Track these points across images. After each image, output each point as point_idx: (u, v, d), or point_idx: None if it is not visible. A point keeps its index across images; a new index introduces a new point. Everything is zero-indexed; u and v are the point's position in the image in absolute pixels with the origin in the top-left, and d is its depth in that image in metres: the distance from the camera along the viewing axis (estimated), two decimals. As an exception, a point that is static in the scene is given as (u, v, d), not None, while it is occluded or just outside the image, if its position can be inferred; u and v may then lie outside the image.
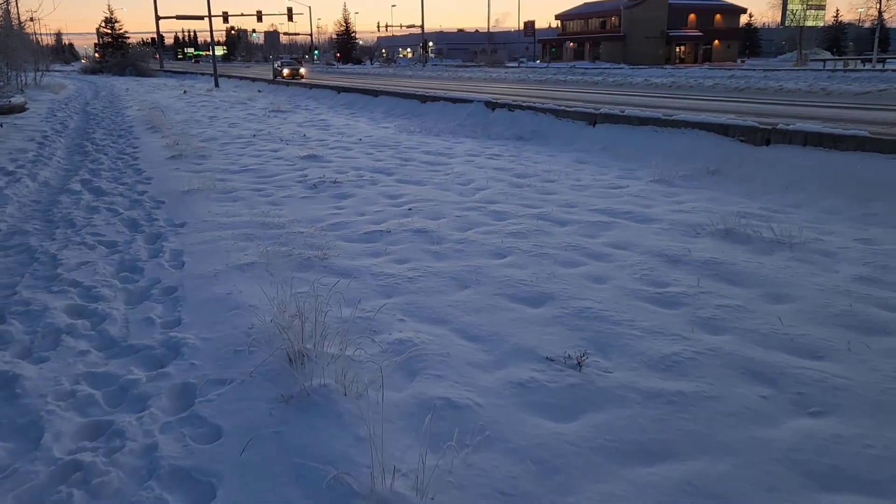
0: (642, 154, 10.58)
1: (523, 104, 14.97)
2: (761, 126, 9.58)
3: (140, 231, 6.37)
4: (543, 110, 14.08)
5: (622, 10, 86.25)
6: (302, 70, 42.25)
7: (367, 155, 11.07)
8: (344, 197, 7.72)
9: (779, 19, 69.52)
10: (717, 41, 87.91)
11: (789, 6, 64.60)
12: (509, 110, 15.16)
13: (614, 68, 62.24)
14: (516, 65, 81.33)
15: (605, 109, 12.64)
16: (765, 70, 43.72)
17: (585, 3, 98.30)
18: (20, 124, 15.89)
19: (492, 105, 15.96)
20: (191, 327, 3.93)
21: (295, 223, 6.43)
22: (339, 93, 25.15)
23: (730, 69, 49.75)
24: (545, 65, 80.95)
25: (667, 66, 68.13)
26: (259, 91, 31.93)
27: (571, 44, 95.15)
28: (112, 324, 4.03)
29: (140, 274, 5.04)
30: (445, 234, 5.93)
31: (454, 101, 17.59)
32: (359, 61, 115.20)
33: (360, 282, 4.70)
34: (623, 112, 12.01)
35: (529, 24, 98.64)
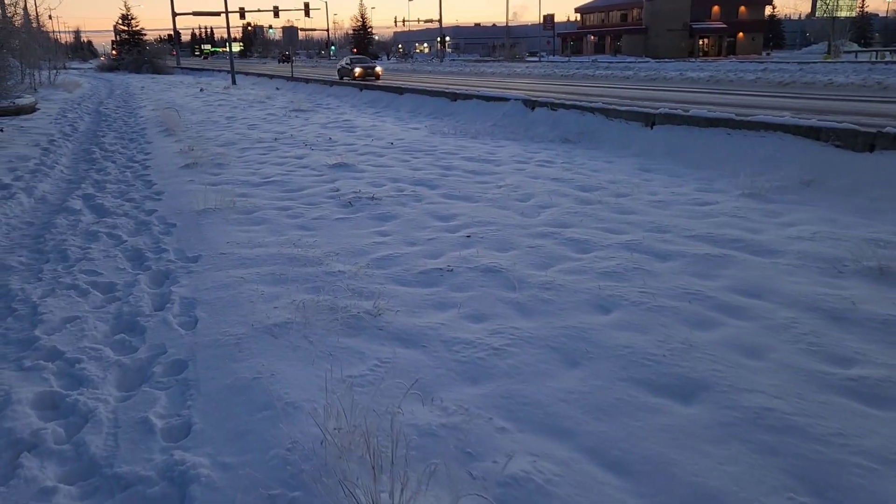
0: (715, 161, 9.29)
1: (567, 103, 13.69)
2: (863, 129, 8.25)
3: (145, 267, 5.21)
4: (591, 109, 12.79)
5: (644, 2, 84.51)
6: (378, 69, 33.02)
7: (403, 163, 9.86)
8: (386, 218, 6.53)
9: (802, 10, 67.33)
10: (741, 33, 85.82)
11: (822, -3, 62.49)
12: (551, 109, 13.89)
13: (639, 62, 60.66)
14: (536, 59, 79.83)
15: (664, 109, 11.33)
16: (798, 63, 42.00)
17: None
18: (27, 127, 14.87)
19: (531, 104, 14.69)
20: (205, 440, 2.75)
21: (333, 257, 5.24)
22: (361, 90, 23.98)
23: (761, 62, 47.99)
24: (566, 59, 79.36)
25: (693, 60, 66.39)
26: (277, 89, 30.85)
27: (592, 37, 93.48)
28: (96, 430, 2.87)
29: (141, 337, 3.87)
30: (523, 275, 4.71)
31: (487, 99, 16.34)
32: (375, 56, 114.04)
33: (429, 355, 3.50)
34: (688, 112, 10.70)
35: (549, 18, 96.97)
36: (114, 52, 70.22)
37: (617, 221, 6.31)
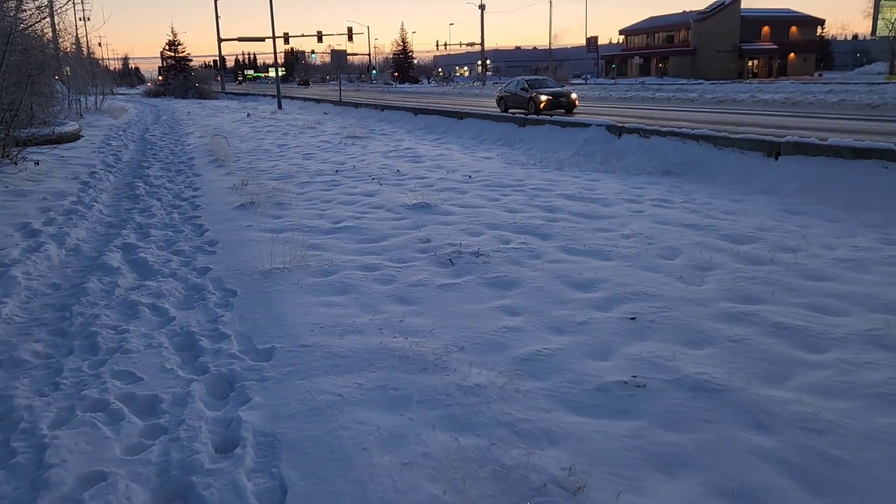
0: (876, 201, 7.59)
1: (661, 129, 12.08)
2: None
3: (200, 367, 3.77)
4: (693, 137, 11.16)
5: (692, 23, 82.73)
6: (573, 95, 21.73)
7: (492, 202, 8.37)
8: (505, 285, 5.00)
9: (851, 30, 64.85)
10: (792, 54, 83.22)
11: (886, 15, 59.89)
12: (642, 136, 12.29)
13: (692, 84, 58.67)
14: (582, 81, 78.29)
15: (791, 137, 9.65)
16: (867, 84, 39.62)
17: (651, 18, 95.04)
18: (68, 157, 13.86)
19: (616, 130, 13.12)
20: None
21: (458, 353, 3.72)
22: (415, 115, 22.71)
23: (825, 83, 45.65)
24: (612, 81, 77.72)
25: (749, 81, 64.08)
26: (325, 113, 29.89)
27: (637, 59, 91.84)
28: None
29: (198, 525, 2.39)
30: (756, 398, 3.12)
31: (563, 125, 14.82)
32: (416, 80, 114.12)
33: None
34: (826, 141, 8.99)
35: (593, 40, 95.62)
36: (160, 77, 71.06)
37: (817, 293, 4.68)
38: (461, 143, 16.33)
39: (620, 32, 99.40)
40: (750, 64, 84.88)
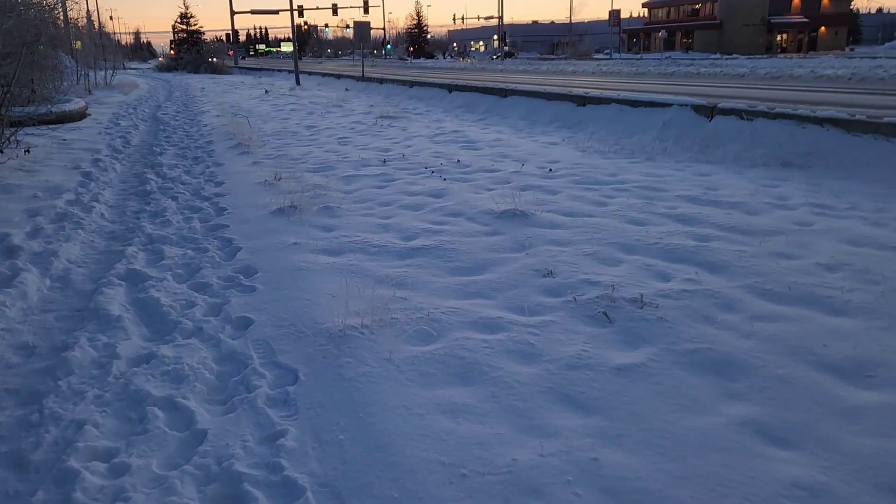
0: None
1: (770, 111, 10.10)
2: None
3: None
4: (817, 120, 9.21)
5: (719, -5, 79.66)
6: None
7: (600, 207, 6.50)
8: (718, 368, 3.17)
9: (876, 4, 61.79)
10: (823, 28, 79.89)
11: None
12: (743, 119, 10.33)
13: (727, 59, 56.01)
14: (606, 56, 75.55)
15: (960, 122, 7.70)
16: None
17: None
18: (71, 139, 12.10)
19: (706, 111, 11.16)
20: None
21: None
22: (450, 92, 20.73)
23: (874, 57, 43.00)
24: (637, 56, 74.93)
25: (793, 56, 61.18)
26: (347, 90, 27.90)
27: (660, 33, 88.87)
28: None
29: None
30: None
31: (634, 104, 12.85)
32: (430, 55, 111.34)
33: None
34: None
35: (615, 14, 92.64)
36: (172, 52, 69.02)
37: None
38: (512, 126, 14.38)
39: (643, 6, 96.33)
40: (779, 38, 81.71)
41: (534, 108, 15.84)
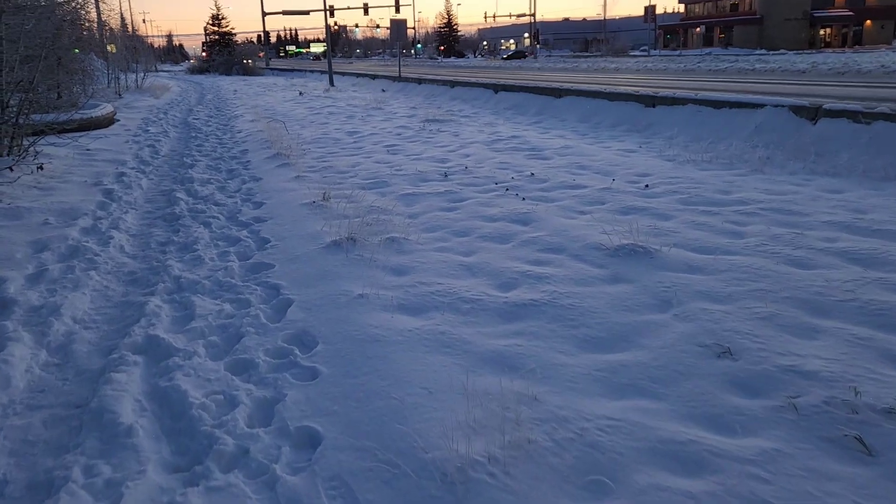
0: None
1: (890, 112, 8.62)
2: None
3: None
4: (960, 124, 7.72)
5: (759, -11, 77.15)
6: None
7: (737, 239, 5.16)
8: None
9: None
10: (869, 21, 76.75)
11: None
12: (859, 122, 8.86)
13: (773, 54, 53.85)
14: (644, 53, 73.49)
15: None
16: None
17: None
18: (95, 149, 11.08)
19: (809, 112, 9.70)
20: None
21: None
22: (496, 92, 19.43)
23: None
24: (676, 53, 72.83)
25: (844, 50, 58.65)
26: (384, 91, 26.75)
27: (698, 29, 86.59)
28: None
29: None
30: None
31: (716, 104, 11.42)
32: (461, 54, 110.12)
33: None
34: None
35: (651, 9, 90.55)
36: (204, 53, 68.79)
37: None
38: (573, 129, 13.04)
39: (680, 1, 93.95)
40: (822, 32, 78.84)
41: (593, 109, 14.47)
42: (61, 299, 4.30)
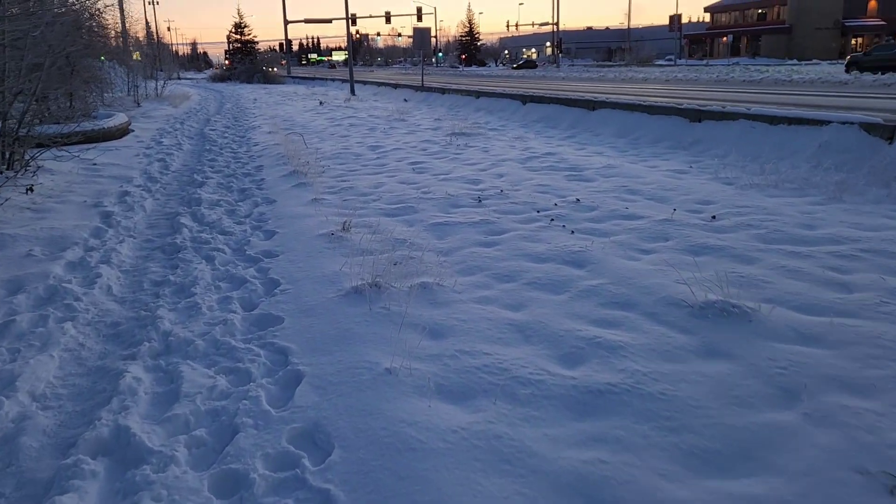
0: None
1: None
2: None
3: None
4: None
5: (788, -2, 75.84)
6: None
7: (840, 292, 4.23)
8: None
9: None
10: (901, 30, 74.91)
11: None
12: (942, 143, 7.85)
13: (807, 64, 52.50)
14: (669, 62, 72.27)
15: None
16: None
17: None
18: (102, 164, 10.38)
19: (883, 131, 8.70)
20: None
21: None
22: (524, 103, 18.56)
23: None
24: (703, 62, 71.52)
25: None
26: (406, 101, 25.99)
27: (724, 38, 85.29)
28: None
29: None
30: None
31: (772, 120, 10.44)
32: (482, 63, 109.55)
33: None
34: None
35: (676, 18, 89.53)
36: (227, 61, 68.80)
37: None
38: (611, 145, 12.13)
39: (706, 10, 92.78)
40: (853, 42, 77.15)
41: (631, 123, 13.54)
42: (22, 365, 3.49)
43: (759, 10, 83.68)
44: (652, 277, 4.51)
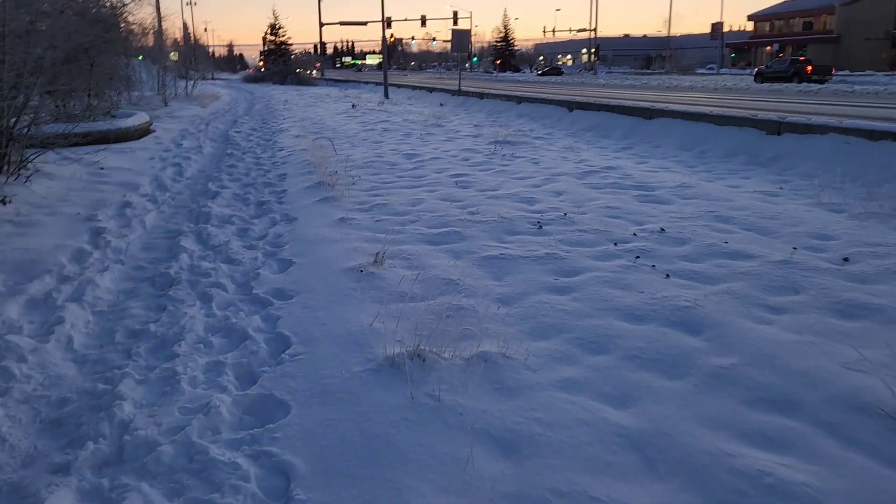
0: None
1: None
2: None
3: None
4: None
5: (837, 7, 73.20)
6: None
7: None
8: None
9: None
10: (957, 40, 71.78)
11: None
12: None
13: (862, 75, 50.32)
14: (711, 71, 70.25)
15: None
16: None
17: (785, 2, 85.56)
18: (111, 168, 9.36)
19: None
20: None
21: None
22: (570, 110, 17.26)
23: None
24: (748, 71, 69.29)
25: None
26: (441, 105, 24.85)
27: (768, 47, 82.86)
28: None
29: None
30: None
31: (870, 134, 9.02)
32: (517, 69, 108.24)
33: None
34: None
35: (718, 27, 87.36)
36: (261, 63, 68.57)
37: None
38: (677, 159, 10.79)
39: (749, 18, 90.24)
40: (907, 53, 74.26)
41: (696, 134, 12.17)
42: None
43: (805, 20, 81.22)
44: (805, 356, 3.21)
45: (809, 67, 35.52)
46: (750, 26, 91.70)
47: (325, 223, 6.25)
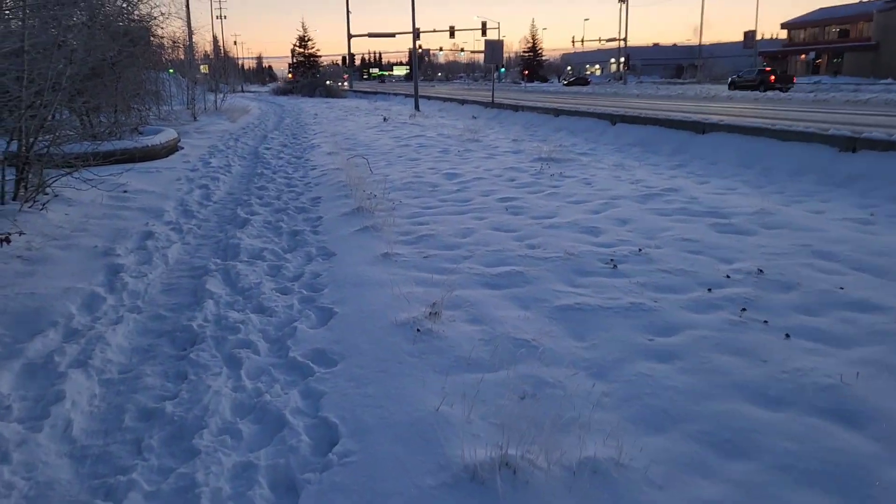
0: None
1: None
2: None
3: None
4: None
5: (875, 14, 71.22)
6: None
7: None
8: None
9: None
10: None
11: None
12: None
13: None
14: (746, 80, 68.52)
15: None
16: None
17: (820, 9, 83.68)
18: (135, 191, 8.79)
19: None
20: None
21: None
22: (613, 124, 16.42)
23: None
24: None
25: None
26: (474, 117, 24.15)
27: (803, 56, 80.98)
28: None
29: None
30: None
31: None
32: (545, 79, 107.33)
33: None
34: None
35: (750, 35, 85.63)
36: (290, 75, 68.72)
37: None
38: (740, 179, 9.93)
39: (782, 26, 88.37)
40: (947, 60, 72.01)
41: (757, 150, 11.28)
42: None
43: (840, 27, 79.38)
44: None
45: (773, 77, 43.29)
46: (783, 34, 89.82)
47: (367, 259, 5.54)
